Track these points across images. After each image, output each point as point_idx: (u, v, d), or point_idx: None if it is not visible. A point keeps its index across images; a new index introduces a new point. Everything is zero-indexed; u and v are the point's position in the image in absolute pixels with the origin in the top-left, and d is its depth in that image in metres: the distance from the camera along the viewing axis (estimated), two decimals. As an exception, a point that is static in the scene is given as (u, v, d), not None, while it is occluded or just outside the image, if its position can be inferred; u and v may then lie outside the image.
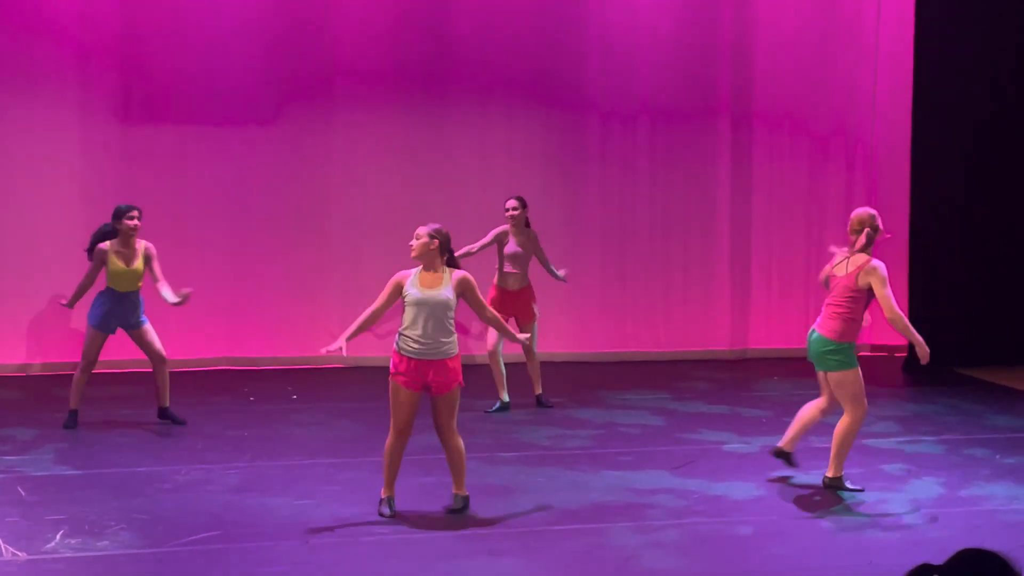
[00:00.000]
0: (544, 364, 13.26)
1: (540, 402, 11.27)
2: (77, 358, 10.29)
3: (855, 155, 14.24)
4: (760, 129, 14.00)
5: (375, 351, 12.09)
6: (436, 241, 7.80)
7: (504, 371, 11.13)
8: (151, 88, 12.63)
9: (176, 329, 12.31)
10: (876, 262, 8.41)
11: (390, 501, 7.86)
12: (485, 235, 11.32)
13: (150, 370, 10.29)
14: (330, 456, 9.34)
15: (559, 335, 13.55)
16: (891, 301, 8.28)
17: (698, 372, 13.07)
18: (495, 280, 11.26)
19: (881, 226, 8.62)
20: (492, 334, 11.06)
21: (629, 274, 13.83)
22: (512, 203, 11.24)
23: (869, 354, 14.38)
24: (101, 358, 10.27)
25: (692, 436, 10.14)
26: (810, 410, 8.75)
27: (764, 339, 14.17)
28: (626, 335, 13.85)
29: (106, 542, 7.20)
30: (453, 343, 7.94)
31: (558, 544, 7.35)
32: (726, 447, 9.79)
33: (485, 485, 8.56)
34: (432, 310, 7.69)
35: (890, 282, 8.51)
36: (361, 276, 12.72)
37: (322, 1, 12.95)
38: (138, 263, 10.03)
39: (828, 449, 9.35)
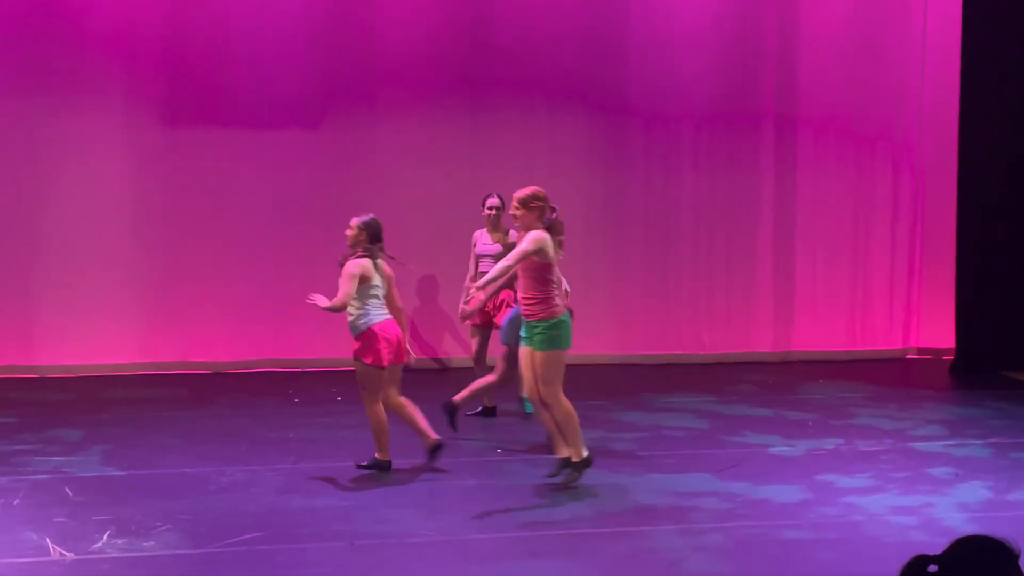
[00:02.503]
0: (587, 366, 13.28)
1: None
2: (123, 359, 10.35)
3: (901, 157, 14.13)
4: (804, 131, 13.92)
5: (423, 352, 12.11)
6: (364, 232, 8.64)
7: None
8: (196, 92, 12.70)
9: (221, 331, 12.39)
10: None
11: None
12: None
13: (193, 372, 10.33)
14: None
15: (602, 337, 13.52)
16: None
17: (742, 375, 13.01)
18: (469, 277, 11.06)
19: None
20: (472, 343, 11.03)
21: (672, 276, 13.78)
22: (495, 200, 11.06)
23: (916, 357, 14.29)
24: (148, 359, 10.33)
25: (737, 439, 10.09)
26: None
27: (808, 342, 14.09)
28: (669, 337, 13.80)
29: (152, 543, 7.24)
30: (355, 324, 8.71)
31: (602, 547, 7.33)
32: (771, 450, 9.74)
33: (529, 487, 8.55)
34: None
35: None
36: (405, 278, 12.72)
37: (365, 4, 12.98)
38: None
39: (875, 452, 9.35)
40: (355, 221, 8.77)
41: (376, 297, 8.76)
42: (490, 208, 11.05)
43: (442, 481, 8.69)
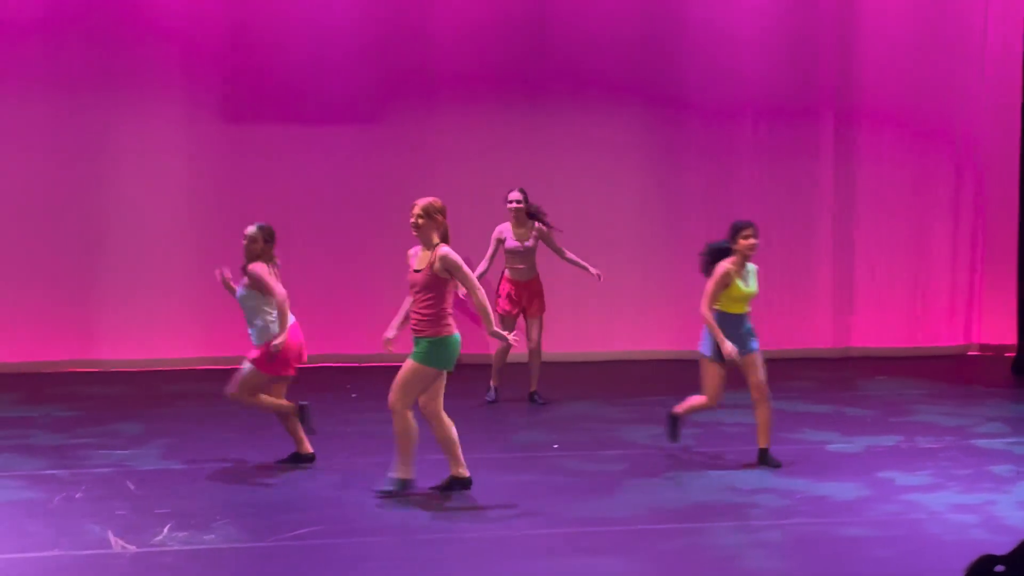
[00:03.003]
0: (645, 362, 13.28)
1: (533, 398, 11.25)
2: (184, 353, 10.44)
3: (962, 152, 14.00)
4: (864, 125, 13.82)
5: (475, 348, 12.12)
6: (262, 237, 8.79)
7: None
8: (256, 89, 12.81)
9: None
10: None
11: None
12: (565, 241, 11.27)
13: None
14: (430, 453, 9.38)
15: (660, 333, 13.50)
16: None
17: (800, 371, 12.93)
18: (505, 272, 11.18)
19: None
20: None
21: (731, 271, 13.70)
22: (517, 195, 11.13)
23: (977, 353, 14.15)
24: (208, 353, 10.41)
25: (795, 435, 10.03)
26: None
27: (868, 337, 13.99)
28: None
29: (212, 536, 7.30)
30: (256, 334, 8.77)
31: (659, 543, 7.31)
32: (830, 447, 9.67)
33: (585, 483, 8.55)
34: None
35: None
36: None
37: (423, 2, 13.01)
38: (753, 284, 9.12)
39: (935, 450, 9.28)
40: (251, 229, 8.80)
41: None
42: (512, 202, 11.10)
43: (499, 477, 8.70)
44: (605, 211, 13.46)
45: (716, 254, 8.98)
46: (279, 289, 8.73)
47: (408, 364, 8.10)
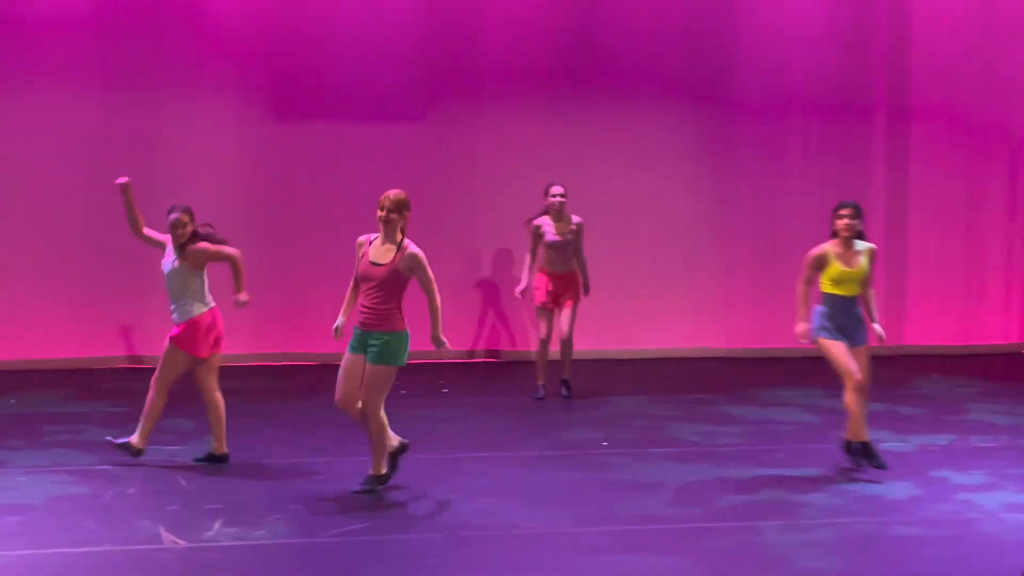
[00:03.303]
0: (694, 360, 13.22)
1: (562, 390, 11.23)
2: (234, 350, 10.48)
3: (1016, 151, 13.85)
4: (917, 123, 13.72)
5: (524, 344, 12.12)
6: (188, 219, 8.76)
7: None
8: (305, 86, 12.85)
9: (328, 322, 12.46)
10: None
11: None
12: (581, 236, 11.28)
13: (301, 364, 10.41)
14: (479, 450, 9.39)
15: (709, 330, 13.45)
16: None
17: (852, 369, 12.80)
18: (540, 264, 11.21)
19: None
20: (542, 326, 11.18)
21: (780, 269, 13.61)
22: (560, 189, 11.17)
23: (1032, 351, 14.00)
24: (257, 350, 10.44)
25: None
26: None
27: (921, 335, 13.86)
28: (778, 330, 13.63)
29: (263, 532, 7.33)
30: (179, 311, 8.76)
31: (709, 541, 7.27)
32: (882, 445, 9.55)
33: (635, 481, 8.52)
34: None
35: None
36: (512, 271, 12.76)
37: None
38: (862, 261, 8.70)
39: (989, 449, 9.19)
40: (177, 215, 8.79)
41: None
42: (555, 196, 11.13)
43: (548, 474, 8.68)
44: (654, 209, 13.40)
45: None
46: (231, 249, 8.78)
47: (372, 368, 7.96)
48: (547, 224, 11.20)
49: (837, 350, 8.60)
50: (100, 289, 12.62)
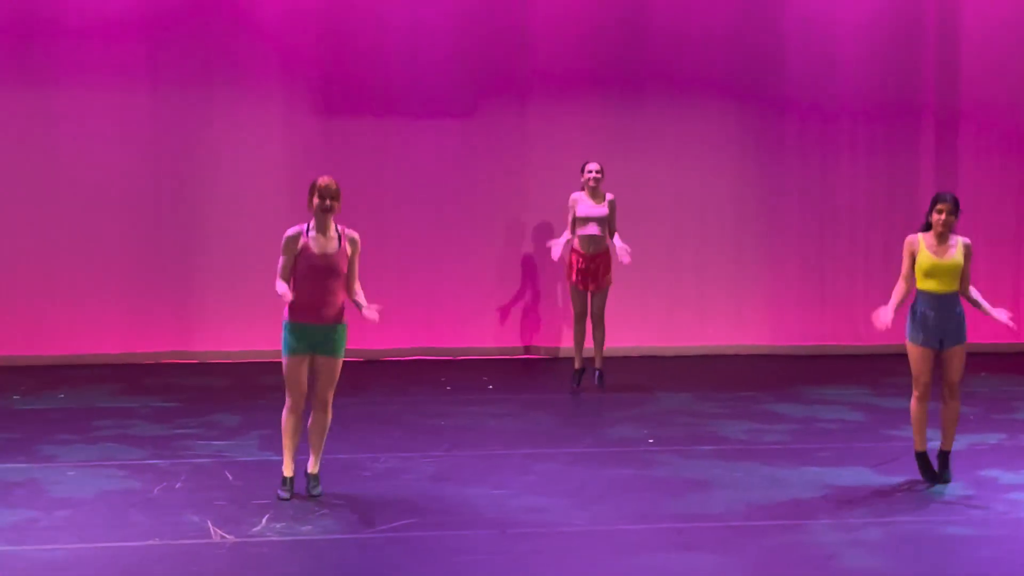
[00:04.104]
0: (740, 357, 13.17)
1: (596, 380, 11.18)
2: (279, 346, 10.50)
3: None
4: (965, 123, 13.60)
5: (568, 341, 12.09)
6: None
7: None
8: (352, 82, 12.89)
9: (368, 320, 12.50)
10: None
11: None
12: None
13: (347, 360, 10.40)
14: (525, 447, 9.39)
15: (755, 328, 13.40)
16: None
17: (900, 366, 12.61)
18: (575, 244, 11.18)
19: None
20: (576, 305, 11.19)
21: (828, 267, 13.57)
22: (596, 165, 11.20)
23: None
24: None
25: (894, 432, 9.88)
26: None
27: (969, 334, 13.66)
28: (825, 328, 13.59)
29: (309, 527, 7.36)
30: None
31: (755, 540, 7.23)
32: (930, 444, 9.48)
33: (681, 478, 8.49)
34: None
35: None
36: (557, 267, 12.74)
37: (518, -5, 13.04)
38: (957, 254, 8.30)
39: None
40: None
41: None
42: (592, 172, 11.16)
43: (594, 471, 8.67)
44: (700, 207, 13.35)
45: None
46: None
47: (334, 362, 7.86)
48: (582, 199, 11.19)
49: (916, 360, 8.32)
50: (148, 285, 12.70)
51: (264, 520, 7.44)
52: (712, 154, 13.33)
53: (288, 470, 7.95)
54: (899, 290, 8.42)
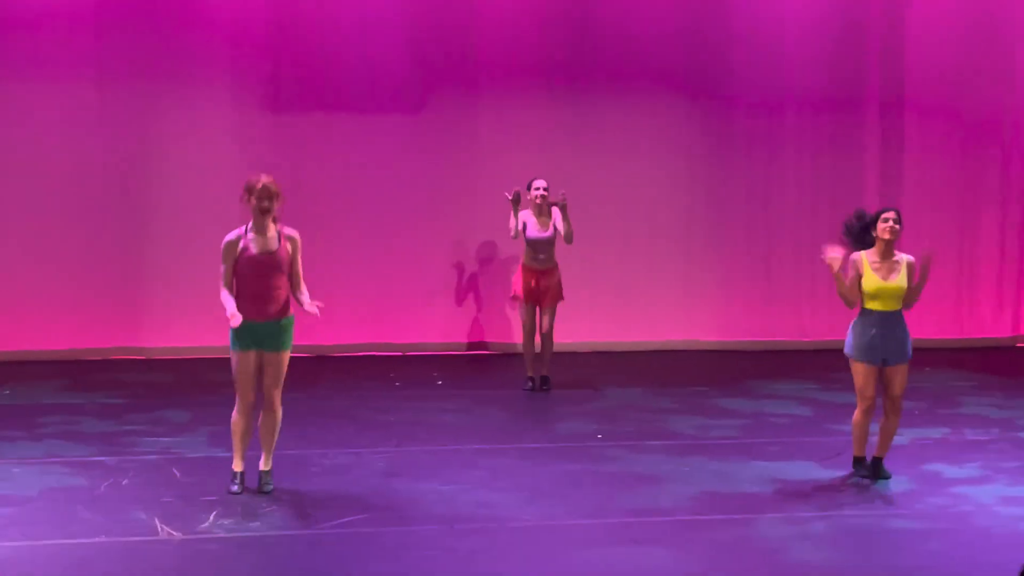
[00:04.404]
0: (689, 352, 13.23)
1: (541, 384, 11.18)
2: (227, 342, 10.47)
3: (1011, 141, 13.86)
4: (910, 115, 13.71)
5: (518, 338, 12.11)
6: None
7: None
8: (300, 77, 12.82)
9: (323, 314, 12.46)
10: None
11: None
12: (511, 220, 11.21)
13: (297, 355, 10.38)
14: (475, 442, 9.40)
15: (704, 324, 13.47)
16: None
17: (846, 362, 12.79)
18: (522, 261, 11.18)
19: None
20: (524, 320, 11.13)
21: (775, 262, 13.65)
22: (543, 183, 11.06)
23: (1025, 345, 14.04)
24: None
25: (841, 427, 9.95)
26: None
27: (913, 329, 13.74)
28: (772, 324, 13.67)
29: (258, 523, 7.34)
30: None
31: (704, 534, 7.28)
32: (875, 439, 9.58)
33: (630, 473, 8.53)
34: None
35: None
36: (507, 263, 12.76)
37: (467, -10, 13.03)
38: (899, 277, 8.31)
39: (983, 442, 9.21)
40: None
41: None
42: (536, 190, 11.04)
43: (544, 466, 8.69)
44: (649, 203, 13.39)
45: (859, 232, 8.38)
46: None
47: (281, 357, 7.84)
48: (529, 219, 11.13)
49: (857, 371, 8.33)
50: (95, 280, 12.59)
51: (212, 517, 7.40)
52: (660, 149, 13.37)
53: (238, 466, 7.92)
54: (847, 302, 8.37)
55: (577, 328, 12.91)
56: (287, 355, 7.93)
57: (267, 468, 8.01)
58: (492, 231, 12.93)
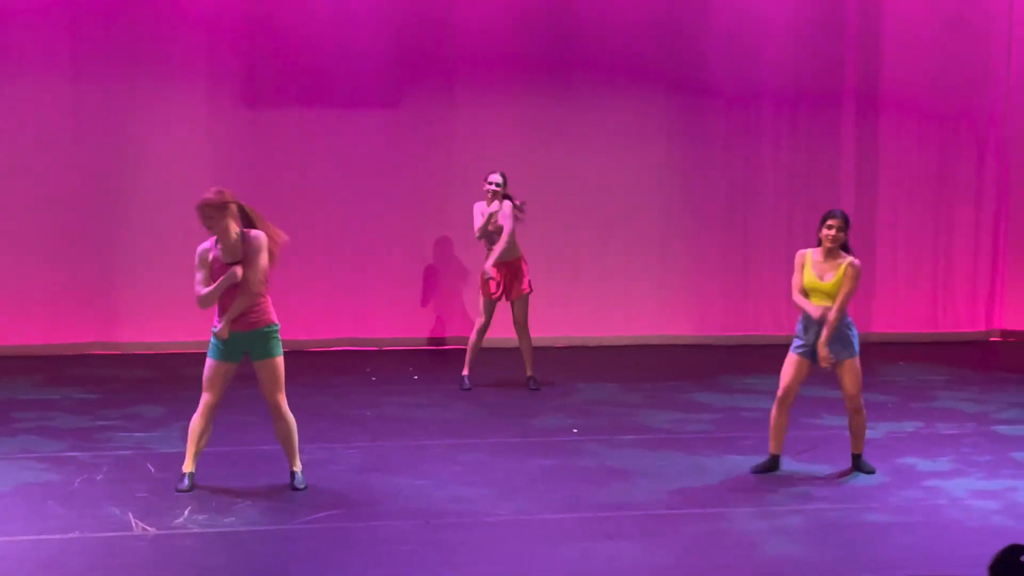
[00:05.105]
0: (665, 347, 13.26)
1: (529, 384, 11.11)
2: (205, 336, 10.43)
3: (986, 137, 13.93)
4: (886, 110, 13.76)
5: (498, 332, 12.11)
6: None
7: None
8: (277, 72, 12.80)
9: (299, 309, 12.45)
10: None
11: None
12: (509, 219, 11.08)
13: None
14: (450, 437, 9.40)
15: (679, 318, 13.50)
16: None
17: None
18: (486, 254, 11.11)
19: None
20: (482, 316, 11.06)
21: (752, 257, 13.69)
22: (497, 178, 10.96)
23: (999, 339, 14.09)
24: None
25: (815, 421, 10.01)
26: None
27: (888, 323, 13.94)
28: (748, 318, 13.71)
29: (232, 518, 7.32)
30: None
31: (679, 529, 7.30)
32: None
33: (605, 468, 8.54)
34: None
35: None
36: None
37: (445, -17, 13.01)
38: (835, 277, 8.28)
39: (957, 436, 9.25)
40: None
41: None
42: (489, 184, 10.96)
43: (519, 461, 8.70)
44: (627, 196, 13.42)
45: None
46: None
47: (273, 362, 7.82)
48: (484, 211, 11.01)
49: (787, 361, 8.39)
50: (70, 275, 12.54)
51: (186, 512, 7.39)
52: (636, 143, 13.39)
53: (188, 467, 7.86)
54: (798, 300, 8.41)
55: (553, 323, 12.94)
56: (278, 360, 7.88)
57: (296, 469, 7.96)
58: (469, 225, 12.92)
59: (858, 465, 8.49)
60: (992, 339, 14.12)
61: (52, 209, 12.50)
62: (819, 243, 8.34)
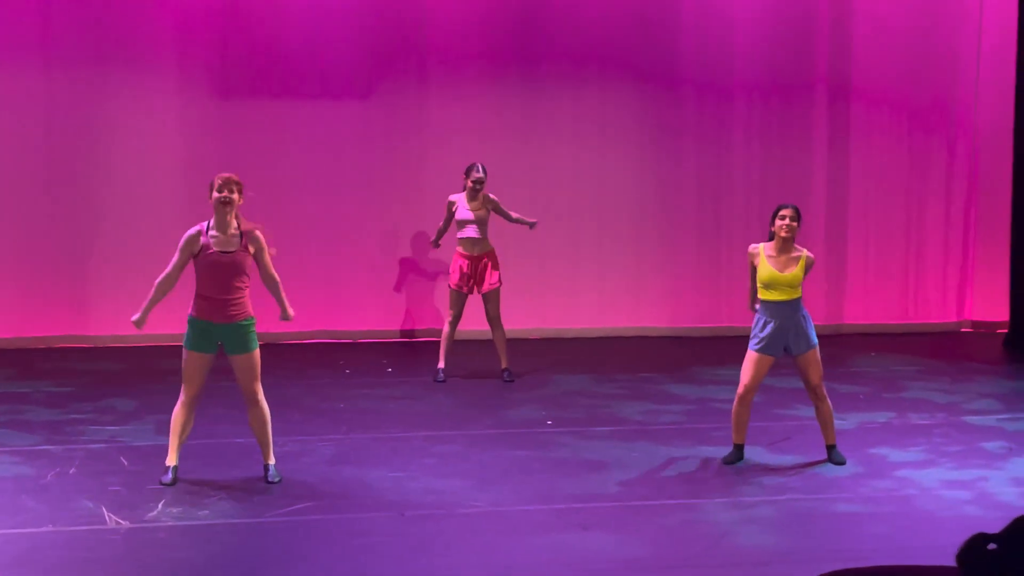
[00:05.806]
0: (639, 339, 13.30)
1: (504, 376, 11.13)
2: (178, 329, 10.41)
3: (956, 129, 14.00)
4: (857, 103, 13.81)
5: (473, 324, 12.12)
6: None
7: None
8: (249, 63, 12.76)
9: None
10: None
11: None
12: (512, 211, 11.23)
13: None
14: (424, 429, 9.41)
15: (652, 310, 13.53)
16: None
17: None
18: (457, 247, 11.12)
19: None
20: (453, 309, 11.07)
21: (724, 248, 13.73)
22: (479, 175, 10.97)
23: (970, 330, 14.18)
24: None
25: (787, 412, 10.06)
26: None
27: (860, 314, 14.01)
28: (720, 310, 13.76)
29: (206, 512, 7.31)
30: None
31: (652, 519, 7.33)
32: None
33: (579, 459, 8.57)
34: None
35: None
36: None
37: (417, -25, 12.98)
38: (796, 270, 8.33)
39: (928, 426, 9.32)
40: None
41: None
42: (475, 181, 10.97)
43: (493, 453, 8.71)
44: (599, 188, 13.45)
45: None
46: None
47: (249, 357, 7.80)
48: (461, 201, 11.05)
49: (747, 359, 8.40)
50: (41, 267, 12.49)
51: (160, 505, 7.38)
52: (609, 136, 13.42)
53: (171, 460, 7.85)
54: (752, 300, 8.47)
55: (527, 315, 12.96)
56: (255, 354, 7.87)
57: (270, 462, 7.95)
58: (441, 217, 12.94)
59: (832, 456, 8.54)
60: (963, 330, 14.21)
61: (22, 200, 12.44)
62: (771, 237, 8.35)
